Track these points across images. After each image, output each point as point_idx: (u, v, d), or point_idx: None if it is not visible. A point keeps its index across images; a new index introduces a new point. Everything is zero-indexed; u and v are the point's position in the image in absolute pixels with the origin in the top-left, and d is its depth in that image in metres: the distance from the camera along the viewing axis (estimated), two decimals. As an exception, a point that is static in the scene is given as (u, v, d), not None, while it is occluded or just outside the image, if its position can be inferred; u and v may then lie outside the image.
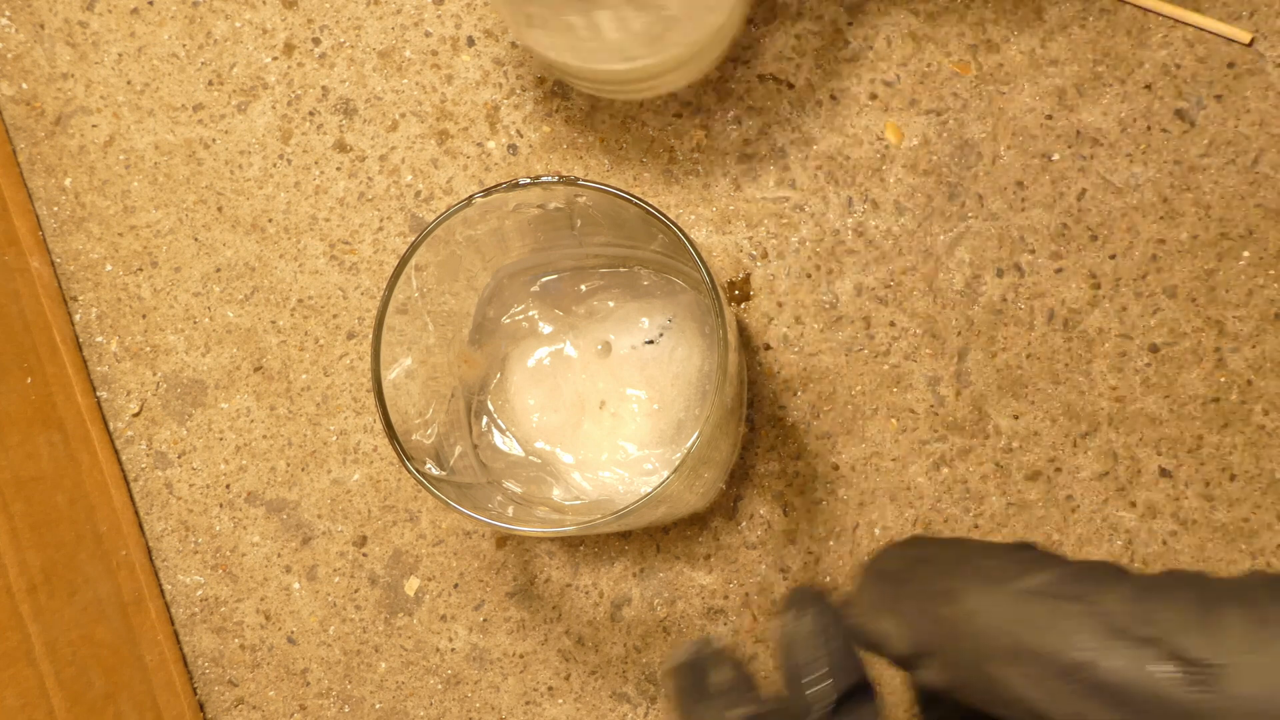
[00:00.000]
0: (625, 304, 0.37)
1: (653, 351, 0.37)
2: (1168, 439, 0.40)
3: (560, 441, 0.37)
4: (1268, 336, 0.40)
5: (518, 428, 0.37)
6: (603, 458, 0.36)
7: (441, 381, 0.36)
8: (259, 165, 0.42)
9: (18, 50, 0.43)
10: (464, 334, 0.37)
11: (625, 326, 0.37)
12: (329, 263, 0.42)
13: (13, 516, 0.37)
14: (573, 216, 0.34)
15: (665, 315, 0.37)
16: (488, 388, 0.37)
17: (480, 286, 0.37)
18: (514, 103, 0.42)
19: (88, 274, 0.43)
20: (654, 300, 0.37)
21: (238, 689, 0.42)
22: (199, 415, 0.42)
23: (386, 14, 0.42)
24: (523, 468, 0.37)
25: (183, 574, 0.43)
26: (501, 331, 0.37)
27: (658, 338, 0.37)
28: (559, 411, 0.37)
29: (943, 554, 0.20)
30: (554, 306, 0.37)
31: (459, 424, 0.36)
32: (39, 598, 0.37)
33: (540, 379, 0.37)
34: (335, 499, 0.42)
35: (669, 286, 0.37)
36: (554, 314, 0.37)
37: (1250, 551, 0.40)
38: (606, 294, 0.37)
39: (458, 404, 0.36)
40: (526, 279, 0.38)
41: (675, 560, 0.41)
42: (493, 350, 0.37)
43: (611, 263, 0.38)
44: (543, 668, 0.41)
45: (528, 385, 0.37)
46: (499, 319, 0.38)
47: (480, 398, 0.37)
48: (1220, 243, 0.40)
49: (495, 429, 0.37)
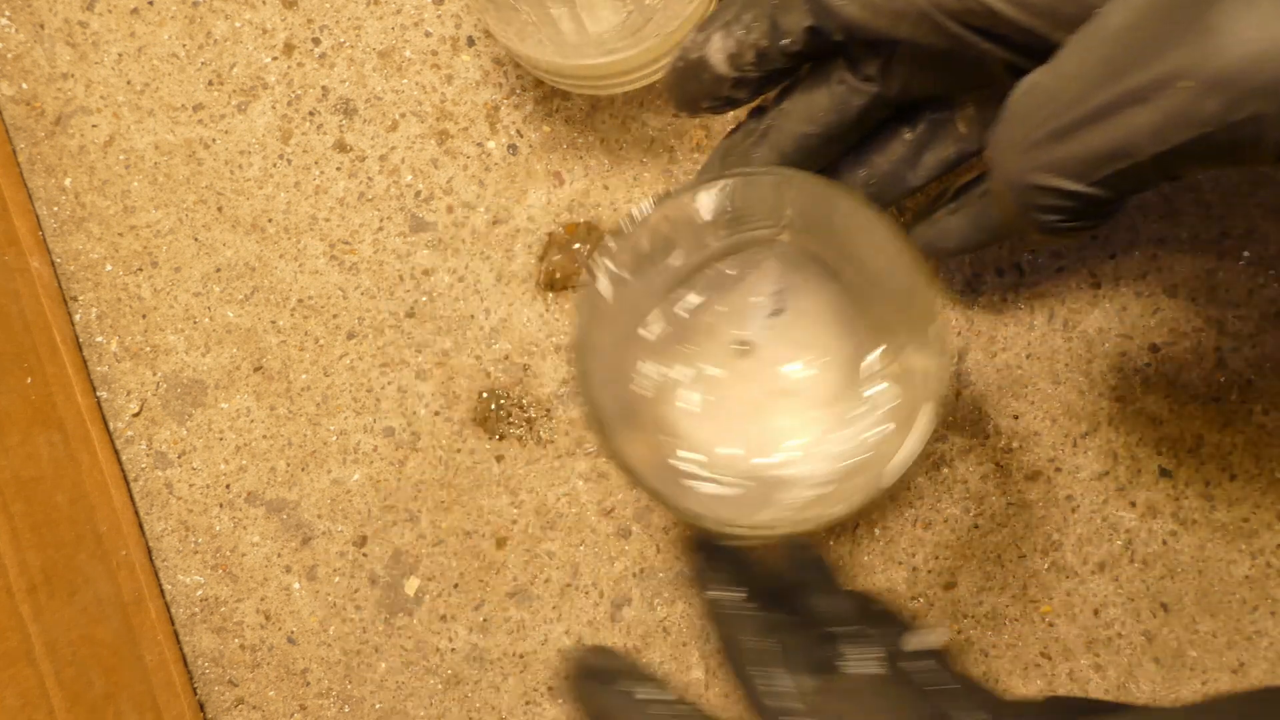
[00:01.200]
0: (720, 295, 0.37)
1: (784, 319, 0.37)
2: (1168, 439, 0.40)
3: (763, 451, 0.36)
4: (1268, 336, 0.40)
5: (719, 469, 0.37)
6: (810, 436, 0.36)
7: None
8: (259, 165, 0.42)
9: (18, 50, 0.43)
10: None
11: (742, 316, 0.37)
12: (329, 263, 0.42)
13: (13, 516, 0.37)
14: None
15: (767, 282, 0.37)
16: (670, 456, 0.37)
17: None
18: (514, 103, 0.42)
19: (88, 274, 0.43)
20: (738, 275, 0.37)
21: (238, 689, 0.42)
22: (199, 415, 0.42)
23: (386, 14, 0.42)
24: (743, 500, 0.36)
25: (183, 574, 0.43)
26: (643, 405, 0.37)
27: (780, 306, 0.37)
28: (745, 432, 0.37)
29: None
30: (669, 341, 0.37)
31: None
32: (39, 598, 0.37)
33: (706, 419, 0.37)
34: (335, 499, 0.42)
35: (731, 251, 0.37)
36: (676, 350, 0.37)
37: (1250, 551, 0.40)
38: (692, 294, 0.37)
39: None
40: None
41: (675, 560, 0.41)
42: (646, 426, 0.37)
43: None
44: (543, 668, 0.41)
45: (701, 433, 0.37)
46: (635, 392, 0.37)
47: (671, 465, 0.37)
48: (1221, 242, 0.40)
49: (697, 482, 0.37)
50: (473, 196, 0.42)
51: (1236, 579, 0.40)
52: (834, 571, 0.28)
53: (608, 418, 0.32)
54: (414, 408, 0.42)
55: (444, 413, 0.42)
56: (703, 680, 0.41)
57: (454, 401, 0.42)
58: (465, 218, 0.42)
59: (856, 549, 0.41)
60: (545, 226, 0.41)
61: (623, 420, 0.35)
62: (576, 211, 0.41)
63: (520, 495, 0.42)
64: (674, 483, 0.35)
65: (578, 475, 0.41)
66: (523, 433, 0.41)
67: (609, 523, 0.41)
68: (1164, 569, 0.40)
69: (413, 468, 0.42)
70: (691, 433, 0.37)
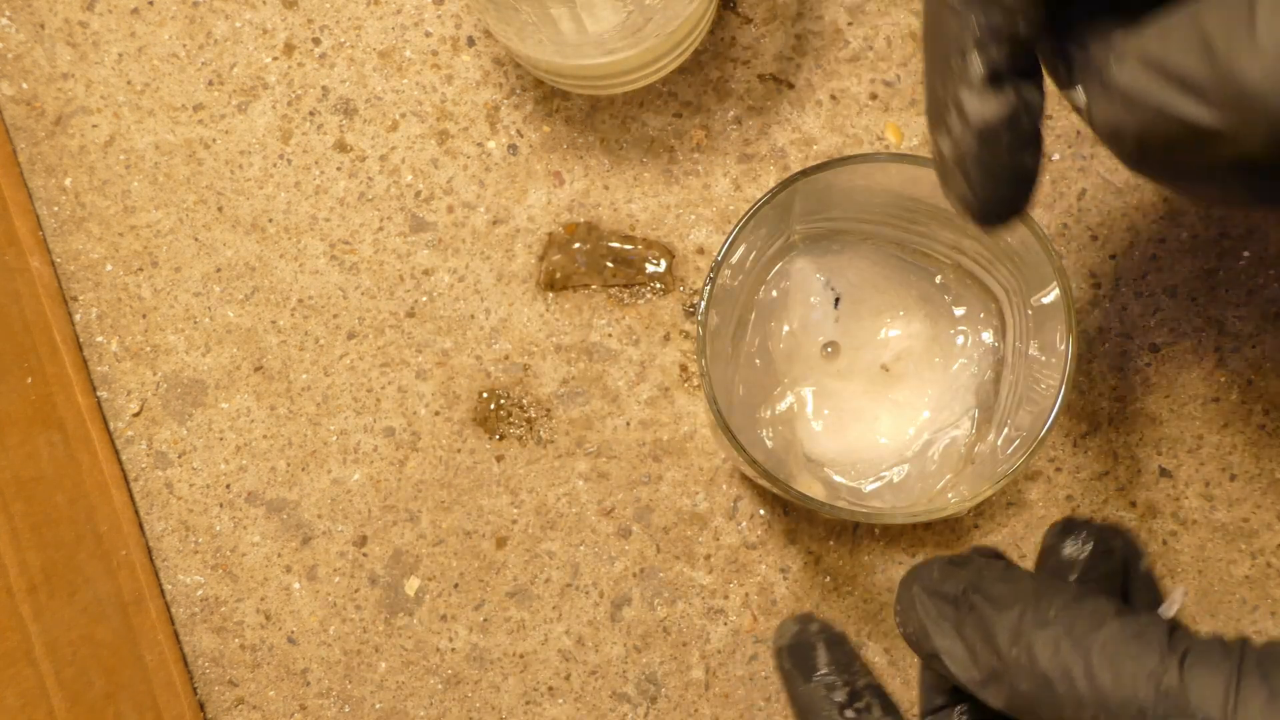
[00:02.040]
0: (777, 321, 0.37)
1: (845, 303, 0.37)
2: (1168, 439, 0.40)
3: (898, 433, 0.37)
4: (1268, 336, 0.40)
5: (869, 469, 0.37)
6: (926, 414, 0.36)
7: None
8: (259, 165, 0.42)
9: (18, 50, 0.43)
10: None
11: (811, 324, 0.37)
12: (329, 263, 0.42)
13: (13, 516, 0.37)
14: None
15: (811, 282, 0.37)
16: (829, 483, 0.38)
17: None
18: (514, 102, 0.42)
19: (88, 274, 0.43)
20: (780, 293, 0.37)
21: (238, 689, 0.42)
22: (199, 415, 0.42)
23: (386, 14, 0.42)
24: (904, 486, 0.37)
25: (183, 574, 0.43)
26: (786, 453, 0.38)
27: (835, 294, 0.37)
28: (876, 423, 0.37)
29: (999, 590, 0.22)
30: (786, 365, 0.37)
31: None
32: (39, 598, 0.37)
33: (836, 432, 0.37)
34: (335, 499, 0.42)
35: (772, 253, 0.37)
36: (774, 394, 0.37)
37: (1250, 551, 0.40)
38: (754, 337, 0.37)
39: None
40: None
41: (675, 560, 0.41)
42: (800, 467, 0.37)
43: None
44: (543, 668, 0.41)
45: (839, 445, 0.37)
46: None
47: (836, 487, 0.38)
48: (1220, 242, 0.40)
49: (861, 489, 0.37)
50: (473, 196, 0.42)
51: (1236, 579, 0.40)
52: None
53: (782, 480, 0.33)
54: (414, 408, 0.42)
55: (444, 413, 0.42)
56: (703, 680, 0.41)
57: (454, 401, 0.42)
58: (465, 218, 0.42)
59: (857, 549, 0.41)
60: (545, 226, 0.42)
61: (787, 475, 0.36)
62: (576, 211, 0.41)
63: (520, 495, 0.42)
64: (851, 501, 0.36)
65: (578, 475, 0.41)
66: (523, 433, 0.41)
67: (609, 523, 0.41)
68: (1164, 569, 0.40)
69: (413, 468, 0.42)
70: (830, 451, 0.37)
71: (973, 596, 0.23)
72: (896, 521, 0.32)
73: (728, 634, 0.41)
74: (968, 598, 0.23)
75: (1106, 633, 0.20)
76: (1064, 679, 0.20)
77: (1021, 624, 0.21)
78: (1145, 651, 0.20)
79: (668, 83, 0.41)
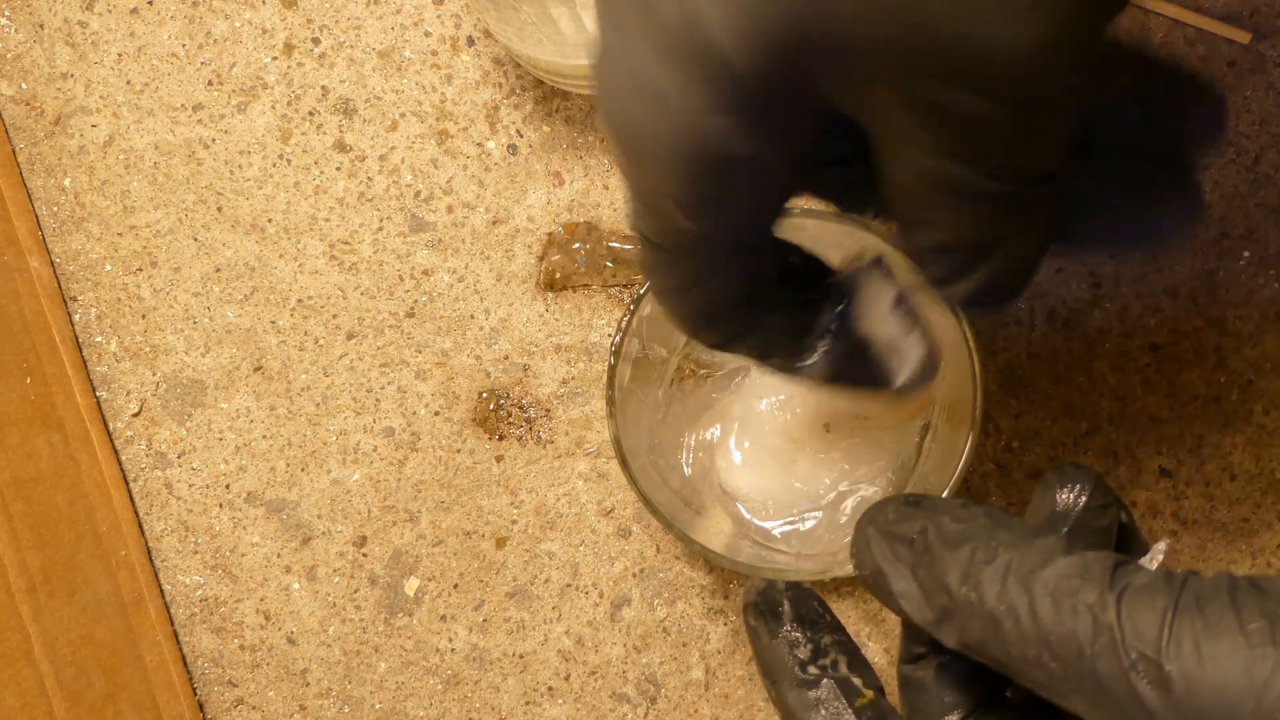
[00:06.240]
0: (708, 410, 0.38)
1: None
2: (1168, 439, 0.40)
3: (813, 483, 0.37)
4: (1268, 336, 0.40)
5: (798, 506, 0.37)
6: (845, 466, 0.36)
7: None
8: (259, 165, 0.42)
9: (17, 50, 0.43)
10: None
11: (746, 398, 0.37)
12: (329, 263, 0.42)
13: (12, 516, 0.37)
14: None
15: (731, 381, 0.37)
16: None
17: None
18: (514, 102, 0.42)
19: (87, 274, 0.43)
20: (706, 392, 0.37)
21: (237, 689, 0.42)
22: (199, 415, 0.42)
23: (386, 14, 0.42)
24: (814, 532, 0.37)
25: (182, 574, 0.43)
26: (703, 484, 0.38)
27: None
28: (784, 478, 0.37)
29: (952, 529, 0.22)
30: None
31: None
32: (39, 598, 0.37)
33: (748, 470, 0.37)
34: (335, 499, 0.42)
35: None
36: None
37: (1250, 551, 0.40)
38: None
39: None
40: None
41: (675, 560, 0.41)
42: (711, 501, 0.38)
43: None
44: (543, 668, 0.41)
45: (744, 484, 0.37)
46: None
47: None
48: (1221, 242, 0.40)
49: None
50: (473, 196, 0.42)
51: (1237, 579, 0.40)
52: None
53: (679, 528, 0.33)
54: (414, 408, 0.42)
55: (444, 413, 0.42)
56: (703, 681, 0.41)
57: (454, 401, 0.42)
58: (465, 218, 0.42)
59: (856, 549, 0.41)
60: (545, 226, 0.41)
61: (699, 505, 0.36)
62: (576, 211, 0.41)
63: (520, 495, 0.42)
64: (758, 541, 0.36)
65: (578, 475, 0.41)
66: (523, 433, 0.41)
67: (609, 523, 0.41)
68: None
69: (413, 468, 0.42)
70: (745, 486, 0.37)
71: (928, 537, 0.22)
72: (795, 579, 0.32)
73: (728, 634, 0.41)
74: (923, 538, 0.22)
75: (1053, 570, 0.20)
76: (1010, 616, 0.20)
77: (972, 563, 0.21)
78: (1086, 587, 0.19)
79: (667, 83, 0.41)
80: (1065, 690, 0.19)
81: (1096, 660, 0.18)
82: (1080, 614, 0.19)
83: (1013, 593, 0.20)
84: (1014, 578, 0.20)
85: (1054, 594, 0.19)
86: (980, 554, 0.21)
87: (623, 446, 0.33)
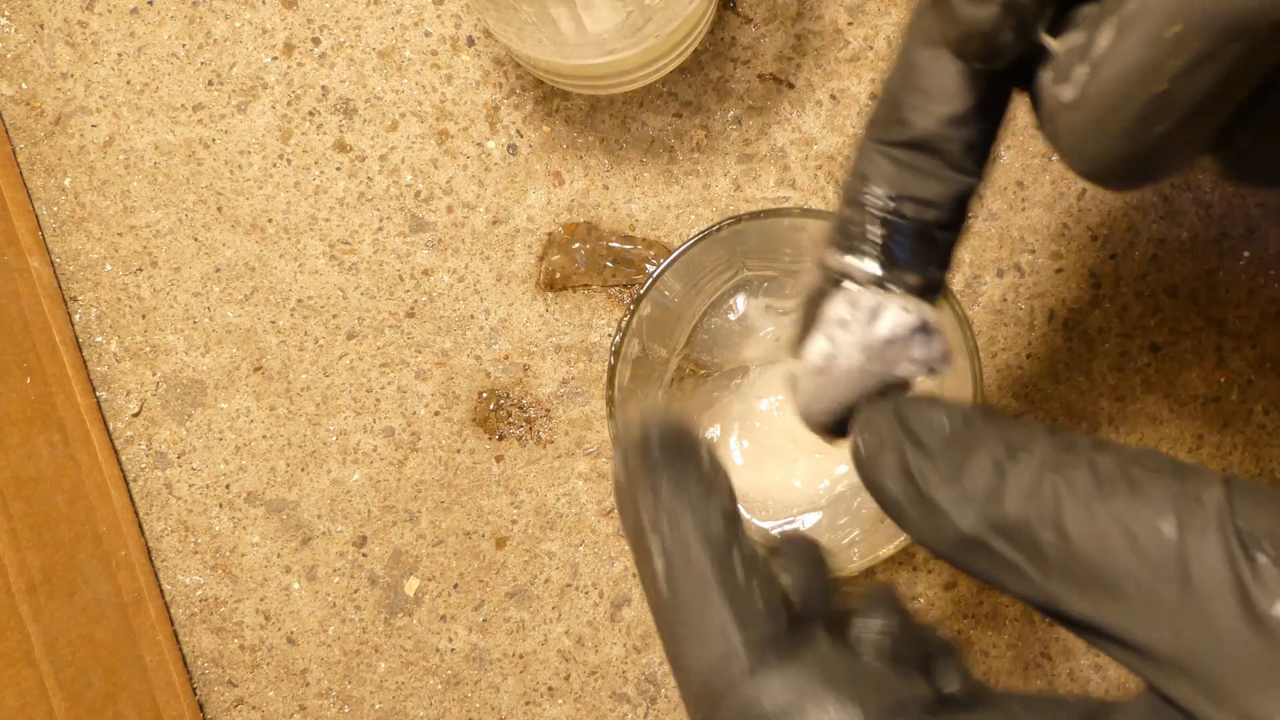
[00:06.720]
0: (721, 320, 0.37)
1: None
2: (1168, 439, 0.40)
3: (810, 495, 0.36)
4: (1268, 336, 0.40)
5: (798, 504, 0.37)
6: (842, 468, 0.36)
7: None
8: (259, 165, 0.42)
9: (17, 50, 0.43)
10: None
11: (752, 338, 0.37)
12: (329, 263, 0.42)
13: (12, 516, 0.37)
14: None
15: (756, 298, 0.37)
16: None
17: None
18: (514, 102, 0.42)
19: (87, 274, 0.43)
20: (733, 304, 0.37)
21: (237, 689, 0.42)
22: (199, 415, 0.42)
23: (386, 14, 0.42)
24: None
25: (182, 574, 0.43)
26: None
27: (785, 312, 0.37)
28: (784, 478, 0.37)
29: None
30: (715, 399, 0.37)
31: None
32: (39, 598, 0.37)
33: (748, 469, 0.37)
34: (335, 499, 0.42)
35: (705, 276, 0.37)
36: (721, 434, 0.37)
37: (1250, 551, 0.40)
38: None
39: None
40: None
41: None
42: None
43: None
44: (543, 668, 0.41)
45: (744, 483, 0.37)
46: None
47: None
48: (1221, 242, 0.40)
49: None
50: (473, 196, 0.42)
51: (1236, 579, 0.40)
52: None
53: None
54: (414, 408, 0.42)
55: (444, 413, 0.42)
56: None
57: (454, 401, 0.42)
58: (465, 218, 0.42)
59: (856, 549, 0.41)
60: (545, 226, 0.41)
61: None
62: (576, 211, 0.41)
63: (520, 495, 0.42)
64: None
65: (578, 475, 0.41)
66: (523, 433, 0.41)
67: (609, 523, 0.41)
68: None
69: (413, 468, 0.42)
70: (744, 485, 0.37)
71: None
72: None
73: (728, 634, 0.41)
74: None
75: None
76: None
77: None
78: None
79: (668, 83, 0.41)
80: None
81: None
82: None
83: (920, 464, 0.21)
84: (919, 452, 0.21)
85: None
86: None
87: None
